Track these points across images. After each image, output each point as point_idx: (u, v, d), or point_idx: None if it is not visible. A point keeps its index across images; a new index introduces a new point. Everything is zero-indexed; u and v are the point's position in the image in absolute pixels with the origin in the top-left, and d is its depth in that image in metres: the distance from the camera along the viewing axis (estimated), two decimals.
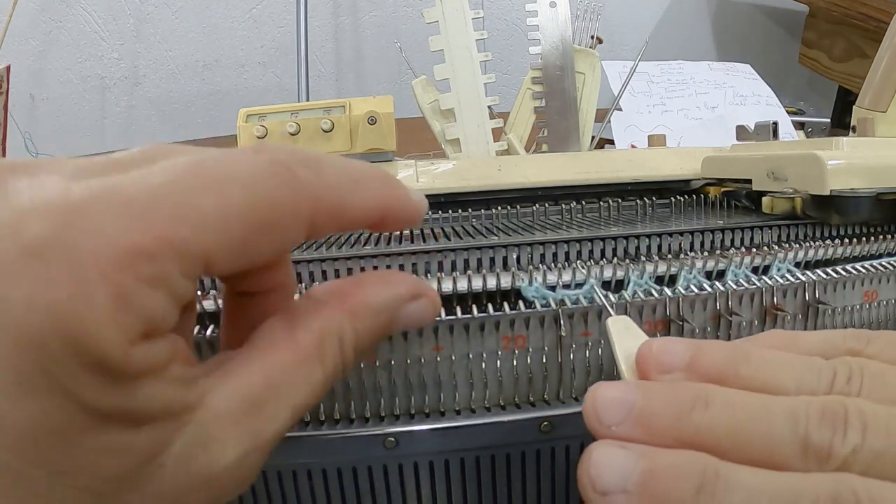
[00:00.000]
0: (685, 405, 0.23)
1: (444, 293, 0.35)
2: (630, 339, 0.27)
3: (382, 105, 0.59)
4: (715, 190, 0.55)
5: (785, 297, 0.36)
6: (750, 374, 0.24)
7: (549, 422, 0.32)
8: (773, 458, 0.21)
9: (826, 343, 0.27)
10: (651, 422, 0.23)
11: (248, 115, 0.61)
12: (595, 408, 0.23)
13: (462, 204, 0.52)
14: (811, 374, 0.24)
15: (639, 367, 0.26)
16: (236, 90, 1.66)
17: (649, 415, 0.23)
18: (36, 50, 1.60)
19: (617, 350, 0.27)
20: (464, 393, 0.33)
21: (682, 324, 0.34)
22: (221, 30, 1.64)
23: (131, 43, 1.64)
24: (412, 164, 0.59)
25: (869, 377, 0.24)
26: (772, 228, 0.44)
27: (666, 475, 0.21)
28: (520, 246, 0.40)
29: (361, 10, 1.68)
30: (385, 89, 1.66)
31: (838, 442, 0.21)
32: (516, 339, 0.33)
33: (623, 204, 0.52)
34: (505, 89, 0.69)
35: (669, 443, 0.22)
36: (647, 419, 0.23)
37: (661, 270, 0.37)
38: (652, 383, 0.25)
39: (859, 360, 0.25)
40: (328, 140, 0.59)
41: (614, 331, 0.28)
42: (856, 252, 0.41)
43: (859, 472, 0.20)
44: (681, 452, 0.22)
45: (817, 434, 0.21)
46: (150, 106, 1.66)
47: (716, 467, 0.21)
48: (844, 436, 0.21)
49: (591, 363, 0.33)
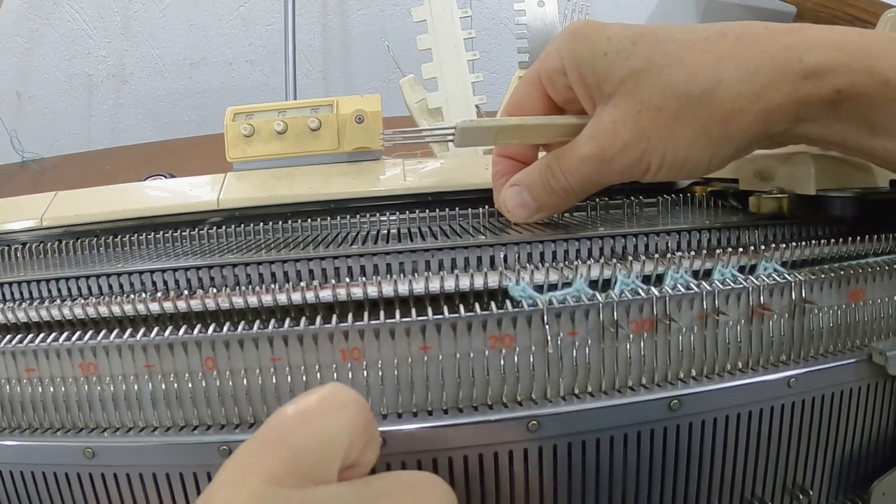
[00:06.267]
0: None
1: (432, 292, 0.35)
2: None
3: (370, 104, 0.59)
4: (702, 189, 0.55)
5: (771, 296, 0.36)
6: None
7: (536, 420, 0.32)
8: None
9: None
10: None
11: (235, 113, 0.61)
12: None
13: (449, 203, 0.52)
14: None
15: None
16: (224, 88, 1.65)
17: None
18: (22, 47, 1.59)
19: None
20: (451, 392, 0.33)
21: (669, 323, 0.34)
22: (209, 28, 1.64)
23: (118, 41, 1.63)
24: (399, 163, 0.58)
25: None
26: (758, 228, 0.44)
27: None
28: (507, 245, 0.40)
29: (349, 8, 1.67)
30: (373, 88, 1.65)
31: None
32: (503, 338, 0.33)
33: (610, 203, 0.52)
34: (493, 88, 0.70)
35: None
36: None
37: (648, 270, 0.37)
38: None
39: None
40: (315, 139, 0.58)
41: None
42: (842, 252, 0.41)
43: None
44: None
45: None
46: (137, 104, 1.65)
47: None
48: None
49: (577, 362, 0.33)
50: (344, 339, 0.33)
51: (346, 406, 0.26)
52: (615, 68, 0.38)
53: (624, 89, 0.38)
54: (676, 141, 0.38)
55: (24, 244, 0.50)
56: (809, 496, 0.37)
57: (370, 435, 0.27)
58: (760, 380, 0.35)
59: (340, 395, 0.26)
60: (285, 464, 0.23)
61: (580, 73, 0.40)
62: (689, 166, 0.39)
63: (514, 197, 0.44)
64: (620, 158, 0.39)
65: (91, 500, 0.33)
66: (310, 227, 0.52)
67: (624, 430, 0.33)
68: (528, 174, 0.44)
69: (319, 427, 0.25)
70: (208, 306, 0.35)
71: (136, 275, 0.40)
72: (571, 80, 0.41)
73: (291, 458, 0.24)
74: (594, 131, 0.40)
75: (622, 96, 0.38)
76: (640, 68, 0.38)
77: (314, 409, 0.25)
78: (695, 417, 0.34)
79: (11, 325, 0.36)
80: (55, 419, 0.34)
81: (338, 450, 0.25)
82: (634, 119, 0.38)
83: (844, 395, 0.37)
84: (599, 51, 0.39)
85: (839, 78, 0.35)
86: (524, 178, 0.44)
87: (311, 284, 0.35)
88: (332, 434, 0.25)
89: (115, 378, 0.34)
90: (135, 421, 0.34)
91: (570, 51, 0.40)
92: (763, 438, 0.35)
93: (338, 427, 0.25)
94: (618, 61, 0.38)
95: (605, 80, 0.39)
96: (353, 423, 0.26)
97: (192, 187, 0.57)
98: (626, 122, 0.38)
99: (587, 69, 0.39)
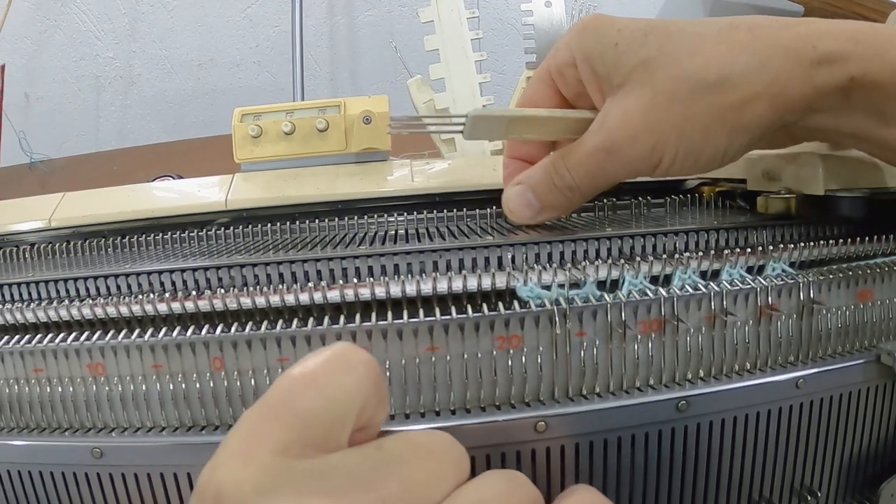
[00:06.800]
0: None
1: (440, 293, 0.35)
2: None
3: (377, 104, 0.59)
4: (709, 190, 0.55)
5: (779, 296, 0.36)
6: None
7: (544, 421, 0.32)
8: None
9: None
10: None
11: (242, 114, 0.61)
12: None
13: (457, 203, 0.52)
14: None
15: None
16: (231, 89, 1.65)
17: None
18: (31, 49, 1.60)
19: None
20: (459, 392, 0.33)
21: (677, 323, 0.34)
22: (216, 29, 1.64)
23: (126, 42, 1.63)
24: (407, 164, 0.58)
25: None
26: (766, 228, 0.44)
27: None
28: (514, 246, 0.40)
29: (357, 9, 1.68)
30: (380, 89, 1.66)
31: None
32: (511, 338, 0.33)
33: (617, 203, 0.52)
34: (500, 89, 0.70)
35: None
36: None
37: (656, 270, 0.37)
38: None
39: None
40: (323, 140, 0.59)
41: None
42: (850, 252, 0.41)
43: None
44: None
45: None
46: (144, 105, 1.66)
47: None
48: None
49: (585, 363, 0.33)
50: (352, 339, 0.33)
51: (356, 366, 0.24)
52: (626, 59, 0.38)
53: (635, 78, 0.38)
54: (690, 130, 0.37)
55: (32, 245, 0.51)
56: (818, 497, 0.37)
57: (381, 395, 0.25)
58: (768, 381, 0.35)
59: (349, 355, 0.24)
60: (293, 432, 0.22)
61: (590, 66, 0.39)
62: (704, 159, 0.38)
63: (517, 196, 0.43)
64: (629, 149, 0.38)
65: (99, 499, 0.33)
66: (317, 227, 0.52)
67: (632, 431, 0.33)
68: (532, 173, 0.43)
69: (329, 390, 0.23)
70: (216, 307, 0.35)
71: (144, 275, 0.40)
72: (581, 73, 0.40)
73: (300, 425, 0.22)
74: (602, 123, 0.39)
75: (633, 85, 0.38)
76: (651, 57, 0.37)
77: (322, 370, 0.23)
78: (702, 418, 0.34)
79: (20, 325, 0.37)
80: (63, 419, 0.34)
81: (349, 413, 0.23)
82: (646, 108, 0.37)
83: (853, 396, 0.37)
84: (610, 42, 0.38)
85: (852, 66, 0.35)
86: (528, 177, 0.43)
87: (318, 285, 0.35)
88: (342, 396, 0.23)
89: (123, 378, 0.34)
90: (143, 421, 0.34)
91: (580, 43, 0.40)
92: (771, 439, 0.35)
93: (348, 389, 0.23)
94: (628, 52, 0.38)
95: (616, 70, 0.38)
96: (363, 384, 0.24)
97: (199, 188, 0.57)
98: (637, 111, 0.37)
99: (597, 61, 0.39)
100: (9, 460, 0.34)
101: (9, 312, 0.36)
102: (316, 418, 0.22)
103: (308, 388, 0.23)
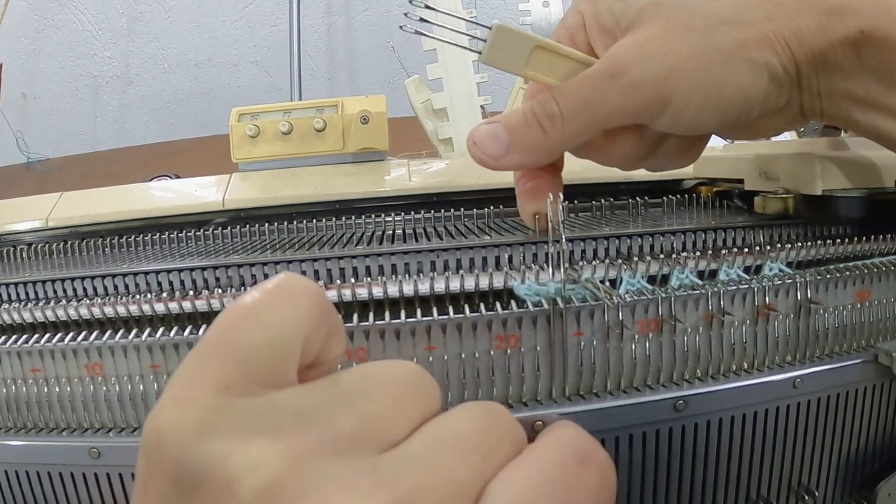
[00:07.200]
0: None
1: (437, 293, 0.35)
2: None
3: (375, 104, 0.59)
4: (707, 189, 0.55)
5: (777, 296, 0.36)
6: None
7: (541, 421, 0.32)
8: None
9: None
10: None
11: (240, 114, 0.61)
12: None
13: (454, 203, 0.52)
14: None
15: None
16: (229, 89, 1.65)
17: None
18: (28, 48, 1.60)
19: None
20: (456, 392, 0.33)
21: (675, 323, 0.34)
22: (214, 29, 1.64)
23: (124, 42, 1.63)
24: (405, 164, 0.59)
25: None
26: (764, 228, 0.44)
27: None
28: (512, 245, 0.40)
29: (354, 9, 1.67)
30: (378, 88, 1.66)
31: None
32: (509, 338, 0.33)
33: (615, 203, 0.52)
34: (497, 88, 0.69)
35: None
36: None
37: (654, 270, 0.37)
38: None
39: None
40: (321, 139, 0.59)
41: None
42: (848, 252, 0.41)
43: None
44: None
45: None
46: (142, 105, 1.66)
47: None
48: None
49: (583, 362, 0.33)
50: (349, 339, 0.33)
51: (299, 296, 0.22)
52: (634, 2, 0.36)
53: (644, 16, 0.35)
54: (709, 60, 0.35)
55: (29, 245, 0.50)
56: (815, 497, 0.37)
57: (330, 326, 0.23)
58: (766, 380, 0.35)
59: (291, 284, 0.22)
60: (234, 368, 0.20)
61: (598, 23, 0.38)
62: (725, 98, 0.35)
63: (485, 128, 0.39)
64: (639, 70, 0.35)
65: (96, 499, 0.33)
66: (315, 227, 0.52)
67: (630, 431, 0.33)
68: (510, 112, 0.39)
69: (269, 322, 0.21)
70: (214, 306, 0.35)
71: (142, 275, 0.40)
72: (590, 33, 0.39)
73: (240, 360, 0.20)
74: (607, 55, 0.36)
75: (642, 22, 0.35)
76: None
77: (262, 302, 0.22)
78: (700, 418, 0.34)
79: (17, 325, 0.37)
80: (61, 419, 0.34)
81: (292, 347, 0.22)
82: (660, 35, 0.35)
83: (850, 396, 0.37)
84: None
85: (862, 18, 0.34)
86: (505, 114, 0.39)
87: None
88: (283, 329, 0.21)
89: (121, 378, 0.34)
90: (140, 421, 0.34)
91: (588, 3, 0.39)
92: (769, 439, 0.35)
93: (290, 321, 0.22)
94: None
95: (623, 15, 0.36)
96: (307, 315, 0.22)
97: (197, 188, 0.57)
98: (650, 39, 0.35)
99: (605, 15, 0.37)
100: (6, 460, 0.34)
101: (6, 312, 0.36)
102: (257, 352, 0.21)
103: (247, 322, 0.21)
